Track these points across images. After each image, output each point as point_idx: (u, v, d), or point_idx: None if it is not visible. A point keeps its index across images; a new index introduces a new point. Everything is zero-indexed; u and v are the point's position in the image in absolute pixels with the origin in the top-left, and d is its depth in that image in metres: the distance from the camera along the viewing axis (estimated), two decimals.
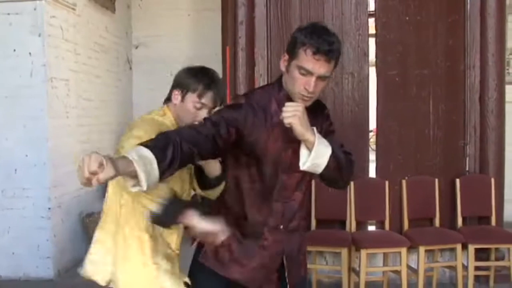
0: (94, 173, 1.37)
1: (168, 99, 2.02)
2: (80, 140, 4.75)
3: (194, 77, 1.97)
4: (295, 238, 2.00)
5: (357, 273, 3.72)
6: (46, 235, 4.24)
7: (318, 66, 1.71)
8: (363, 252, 3.61)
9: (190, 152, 1.64)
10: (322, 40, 1.71)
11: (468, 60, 4.09)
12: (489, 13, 4.00)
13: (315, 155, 1.74)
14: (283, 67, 1.82)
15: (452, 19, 4.10)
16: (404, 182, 4.02)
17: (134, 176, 1.50)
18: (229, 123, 1.76)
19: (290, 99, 1.80)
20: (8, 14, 4.13)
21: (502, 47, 4.06)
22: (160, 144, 1.58)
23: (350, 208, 3.93)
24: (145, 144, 1.56)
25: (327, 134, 1.89)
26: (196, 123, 1.87)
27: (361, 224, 4.03)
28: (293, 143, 1.79)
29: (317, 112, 1.90)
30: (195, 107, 1.97)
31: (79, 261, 4.83)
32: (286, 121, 1.70)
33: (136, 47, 6.20)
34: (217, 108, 1.97)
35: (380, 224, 4.05)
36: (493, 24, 4.02)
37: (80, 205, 4.74)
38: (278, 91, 1.86)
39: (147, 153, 1.52)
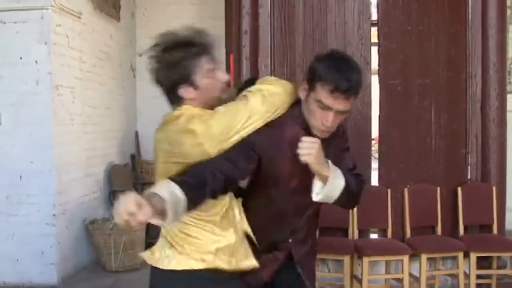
0: (132, 215, 1.33)
1: (177, 103, 1.82)
2: (84, 147, 4.79)
3: (184, 59, 1.76)
4: (304, 246, 2.02)
5: (359, 281, 3.73)
6: (50, 241, 4.26)
7: (336, 103, 1.67)
8: (365, 260, 3.63)
9: (221, 189, 1.65)
10: (341, 76, 1.65)
11: (469, 70, 4.11)
12: (490, 23, 4.03)
13: (329, 189, 1.74)
14: (302, 96, 1.78)
15: (453, 29, 4.13)
16: (406, 190, 4.04)
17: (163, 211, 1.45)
18: (255, 150, 1.74)
19: (308, 127, 1.78)
20: (15, 22, 4.18)
21: (503, 57, 4.10)
22: (194, 182, 1.55)
23: (352, 216, 3.94)
24: (180, 180, 1.52)
25: (341, 152, 1.89)
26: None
27: (363, 232, 4.04)
28: (307, 170, 1.76)
29: (333, 133, 1.85)
30: (210, 77, 1.79)
31: (83, 267, 4.90)
32: (301, 158, 1.68)
33: (140, 55, 6.24)
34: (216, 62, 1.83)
35: (382, 232, 4.06)
36: (494, 34, 4.04)
37: (84, 212, 4.77)
38: (297, 116, 1.80)
39: (180, 194, 1.49)
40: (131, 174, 5.82)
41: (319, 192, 1.76)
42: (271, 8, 4.05)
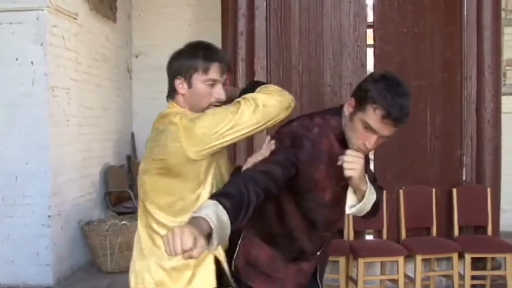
0: (188, 251, 1.23)
1: (171, 94, 1.82)
2: (81, 148, 4.78)
3: (190, 56, 1.76)
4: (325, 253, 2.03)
5: (355, 282, 3.74)
6: (45, 242, 4.25)
7: (384, 128, 1.64)
8: (361, 261, 3.64)
9: (259, 205, 1.55)
10: (395, 103, 1.60)
11: (465, 71, 4.14)
12: (485, 25, 4.06)
13: (364, 203, 1.71)
14: (347, 112, 1.72)
15: (449, 31, 4.16)
16: (401, 192, 4.06)
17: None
18: (293, 164, 1.68)
19: (343, 140, 1.74)
20: (11, 23, 4.17)
21: (498, 58, 4.13)
22: (239, 203, 1.46)
23: (348, 217, 3.95)
24: (226, 203, 1.41)
25: (366, 163, 1.83)
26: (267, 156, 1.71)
27: (359, 233, 4.06)
28: (342, 182, 1.73)
29: None
30: (206, 87, 1.77)
31: (78, 268, 4.87)
32: (346, 172, 1.62)
33: (136, 56, 6.25)
34: (225, 77, 1.80)
35: (378, 233, 4.07)
36: (489, 36, 4.07)
37: (80, 213, 4.76)
38: (334, 128, 1.76)
39: (224, 217, 1.39)
40: (127, 175, 5.81)
41: (353, 205, 1.73)
42: (267, 9, 4.06)
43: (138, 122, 6.14)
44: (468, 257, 3.76)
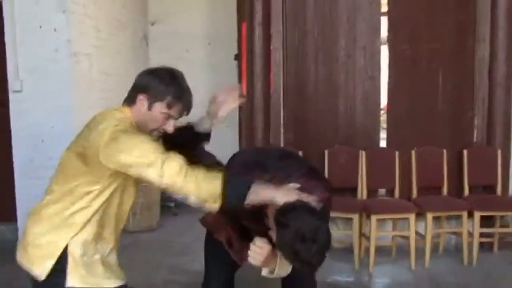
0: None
1: (129, 101, 1.92)
2: None
3: (164, 85, 1.86)
4: None
5: (368, 238, 3.91)
6: None
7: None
8: (373, 218, 3.79)
9: None
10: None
11: (477, 35, 4.21)
12: None
13: (276, 274, 1.88)
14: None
15: None
16: (413, 153, 4.19)
17: None
18: None
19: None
20: None
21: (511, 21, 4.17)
22: None
23: (361, 176, 4.11)
24: None
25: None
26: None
27: (371, 192, 4.21)
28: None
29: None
30: (162, 117, 1.88)
31: None
32: (249, 259, 1.80)
33: (153, 24, 6.34)
34: (181, 117, 1.91)
35: (390, 192, 4.23)
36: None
37: None
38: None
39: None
40: None
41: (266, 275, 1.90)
42: None
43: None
44: (477, 214, 3.90)
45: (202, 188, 1.68)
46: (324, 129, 4.32)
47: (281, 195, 1.71)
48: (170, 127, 1.90)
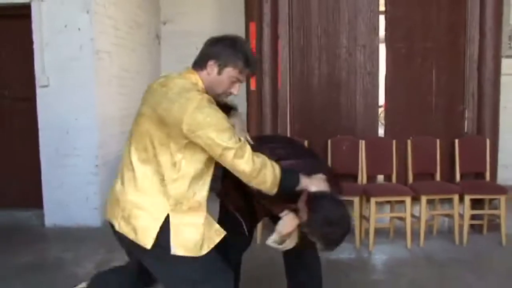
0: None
1: (198, 66, 2.03)
2: (120, 107, 5.30)
3: (235, 52, 1.99)
4: None
5: (368, 220, 4.25)
6: (94, 189, 4.79)
7: None
8: (373, 200, 4.15)
9: None
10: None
11: (468, 34, 4.57)
12: None
13: (284, 245, 2.27)
14: None
15: None
16: (409, 142, 4.56)
17: None
18: None
19: None
20: None
21: (499, 22, 4.53)
22: None
23: (361, 163, 4.48)
24: None
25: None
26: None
27: (371, 178, 4.58)
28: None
29: None
30: (231, 81, 2.01)
31: None
32: (280, 227, 2.18)
33: (164, 24, 6.69)
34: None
35: (388, 178, 4.60)
36: (492, 1, 4.48)
37: None
38: None
39: None
40: None
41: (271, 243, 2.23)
42: None
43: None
44: (467, 198, 4.26)
45: (266, 175, 1.95)
46: (327, 120, 4.67)
47: (314, 184, 2.07)
48: (235, 90, 2.06)
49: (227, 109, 2.22)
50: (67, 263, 3.90)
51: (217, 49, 2.01)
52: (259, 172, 1.94)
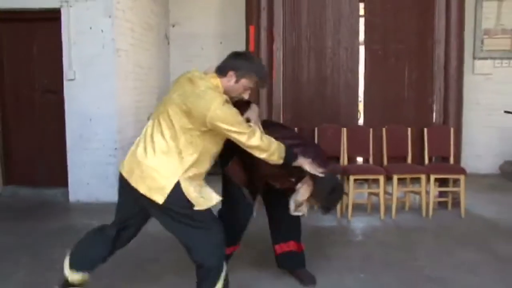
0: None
1: (220, 73, 2.51)
2: (135, 99, 6.03)
3: (254, 69, 2.53)
4: None
5: (347, 195, 4.91)
6: (112, 169, 5.40)
7: None
8: (352, 178, 4.84)
9: None
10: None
11: (435, 37, 5.28)
12: (452, 2, 5.18)
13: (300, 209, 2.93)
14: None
15: (424, 5, 5.30)
16: (384, 130, 5.23)
17: None
18: None
19: None
20: (86, 0, 5.35)
21: (461, 27, 5.23)
22: None
23: (343, 147, 5.18)
24: None
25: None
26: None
27: (351, 160, 5.28)
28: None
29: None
30: (244, 89, 2.52)
31: None
32: (299, 195, 2.83)
33: (173, 26, 7.39)
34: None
35: (366, 160, 5.30)
36: (456, 9, 5.18)
37: None
38: None
39: None
40: None
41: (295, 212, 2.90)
42: None
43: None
44: (432, 177, 4.94)
45: (275, 148, 2.53)
46: (315, 110, 5.34)
47: (307, 165, 2.69)
48: (246, 95, 2.61)
49: (247, 104, 2.78)
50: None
51: (238, 63, 2.53)
52: (269, 146, 2.51)
